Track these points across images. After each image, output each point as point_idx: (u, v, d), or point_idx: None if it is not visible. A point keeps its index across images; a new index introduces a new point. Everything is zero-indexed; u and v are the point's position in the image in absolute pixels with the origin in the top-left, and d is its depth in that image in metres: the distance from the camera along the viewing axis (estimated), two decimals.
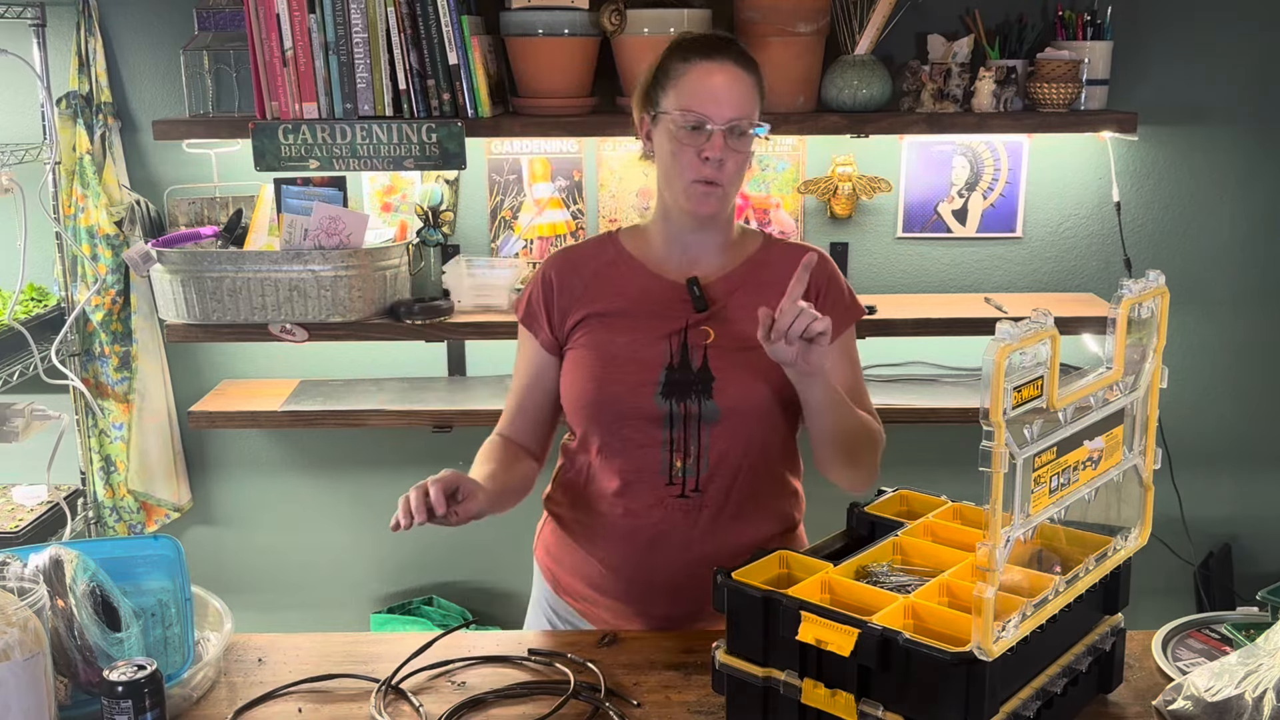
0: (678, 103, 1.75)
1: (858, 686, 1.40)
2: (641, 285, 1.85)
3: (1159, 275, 1.51)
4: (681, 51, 1.78)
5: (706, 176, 1.75)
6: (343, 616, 3.21)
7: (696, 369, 1.79)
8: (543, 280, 1.89)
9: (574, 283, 1.87)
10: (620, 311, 1.84)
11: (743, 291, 1.83)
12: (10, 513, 2.83)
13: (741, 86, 1.76)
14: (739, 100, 1.75)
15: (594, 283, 1.86)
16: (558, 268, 1.89)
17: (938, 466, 2.68)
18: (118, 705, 1.44)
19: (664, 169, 1.81)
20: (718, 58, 1.76)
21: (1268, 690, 1.45)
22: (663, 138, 1.78)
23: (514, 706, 1.62)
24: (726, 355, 1.80)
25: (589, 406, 1.83)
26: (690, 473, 1.81)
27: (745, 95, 1.76)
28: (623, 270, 1.87)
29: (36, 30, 2.82)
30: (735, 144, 1.75)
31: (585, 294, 1.86)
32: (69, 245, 2.87)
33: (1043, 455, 1.36)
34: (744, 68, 1.77)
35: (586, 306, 1.85)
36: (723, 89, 1.74)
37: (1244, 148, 2.95)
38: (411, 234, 2.88)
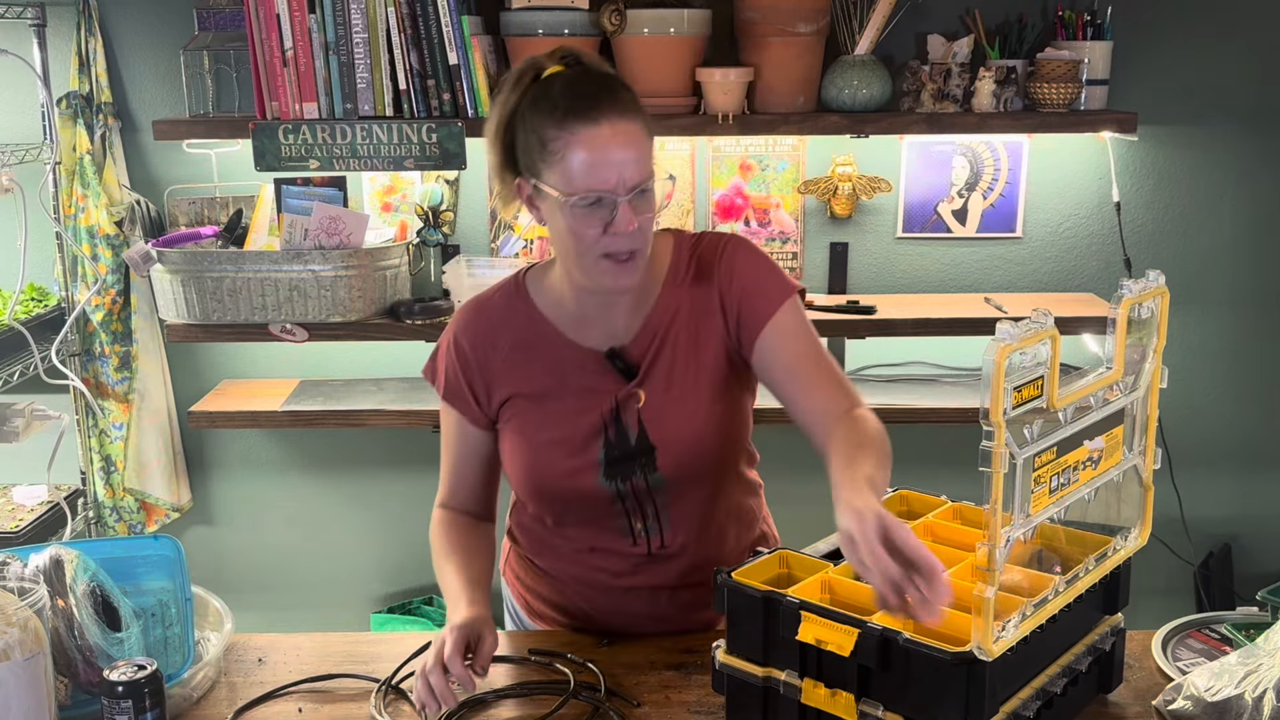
0: (567, 182, 1.54)
1: (858, 686, 1.40)
2: (562, 358, 1.70)
3: (1159, 275, 1.51)
4: (555, 115, 1.54)
5: (620, 251, 1.57)
6: (343, 616, 3.21)
7: (634, 441, 1.68)
8: (457, 353, 1.74)
9: (491, 359, 1.72)
10: (546, 391, 1.70)
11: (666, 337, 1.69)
12: (10, 513, 2.83)
13: (635, 139, 1.55)
14: (637, 158, 1.54)
15: (512, 357, 1.71)
16: (470, 339, 1.73)
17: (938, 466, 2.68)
18: (118, 705, 1.44)
19: (563, 246, 1.61)
20: (601, 116, 1.53)
21: (1268, 690, 1.45)
22: (555, 214, 1.58)
23: (514, 707, 1.62)
24: (660, 415, 1.68)
25: (533, 492, 1.76)
26: (653, 532, 1.74)
27: (642, 148, 1.56)
28: (539, 340, 1.71)
29: (36, 30, 2.82)
30: (642, 205, 1.56)
31: (505, 371, 1.71)
32: (69, 245, 2.87)
33: (1043, 455, 1.36)
34: (630, 114, 1.56)
35: (510, 386, 1.72)
36: (618, 154, 1.53)
37: (1244, 148, 2.95)
38: (411, 234, 2.88)
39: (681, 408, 1.68)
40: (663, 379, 1.68)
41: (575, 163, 1.53)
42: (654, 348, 1.69)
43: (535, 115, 1.56)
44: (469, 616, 1.62)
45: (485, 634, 1.61)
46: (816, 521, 2.00)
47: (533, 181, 1.60)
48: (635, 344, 1.70)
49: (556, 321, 1.71)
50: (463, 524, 1.81)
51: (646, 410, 1.68)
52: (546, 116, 1.55)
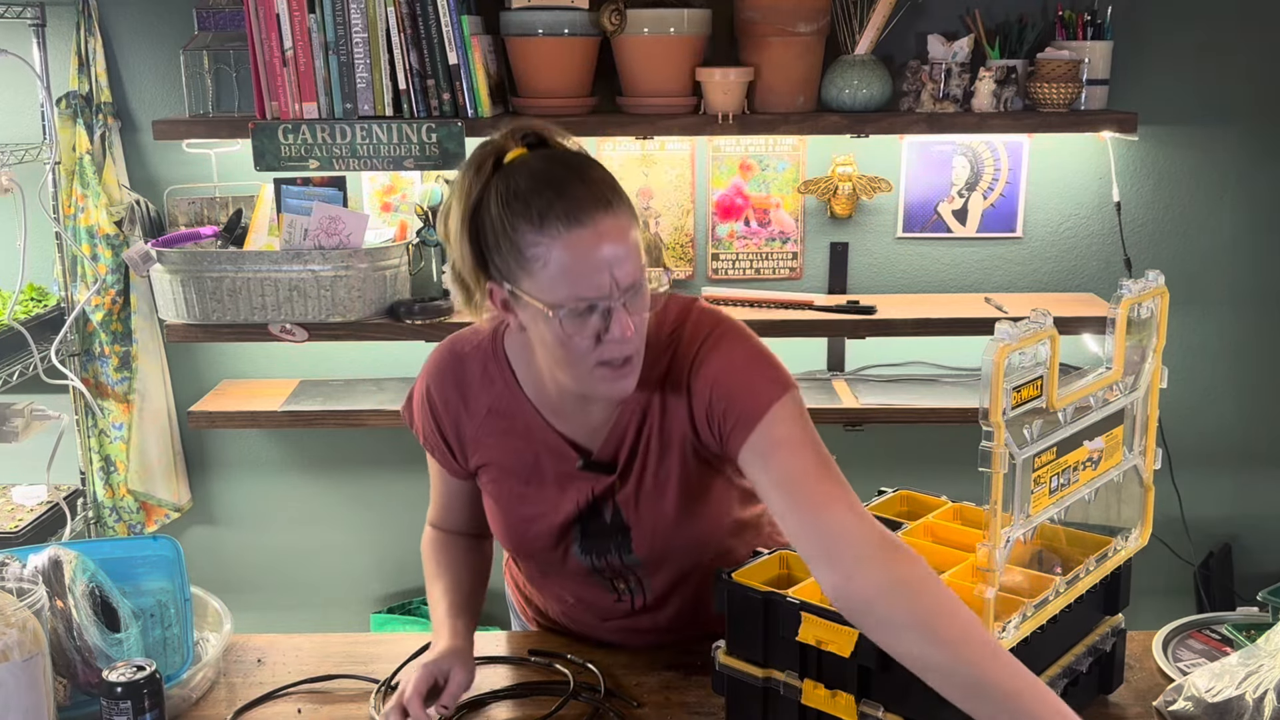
0: (552, 291, 1.37)
1: (858, 687, 1.40)
2: (539, 441, 1.59)
3: (1159, 275, 1.51)
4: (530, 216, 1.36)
5: (616, 359, 1.42)
6: (343, 616, 3.21)
7: (609, 522, 1.61)
8: (430, 407, 1.64)
9: (465, 423, 1.62)
10: (522, 469, 1.61)
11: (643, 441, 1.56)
12: (10, 513, 2.83)
13: (624, 233, 1.38)
14: (628, 254, 1.38)
15: (488, 425, 1.60)
16: (443, 396, 1.62)
17: (938, 466, 2.68)
18: (117, 706, 1.44)
19: (549, 354, 1.46)
20: (585, 214, 1.36)
21: (1268, 691, 1.45)
22: (538, 323, 1.42)
23: (514, 707, 1.62)
24: (634, 502, 1.59)
25: (513, 552, 1.74)
26: (636, 593, 1.68)
27: (632, 242, 1.39)
28: (517, 414, 1.59)
29: (36, 30, 2.82)
30: (637, 303, 1.41)
31: (479, 438, 1.62)
32: (69, 245, 2.87)
33: (1042, 455, 1.36)
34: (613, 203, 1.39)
35: (484, 454, 1.63)
36: (608, 255, 1.36)
37: (1244, 148, 2.95)
38: (411, 234, 2.88)
39: (656, 498, 1.58)
40: (638, 470, 1.58)
41: (560, 270, 1.36)
42: (629, 441, 1.57)
43: (507, 215, 1.38)
44: (442, 651, 1.59)
45: (456, 671, 1.56)
46: None
47: (508, 287, 1.42)
48: (611, 436, 1.57)
49: (535, 399, 1.58)
50: (454, 543, 1.78)
51: (621, 496, 1.59)
52: (520, 218, 1.37)
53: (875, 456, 3.04)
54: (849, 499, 1.40)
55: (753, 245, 2.98)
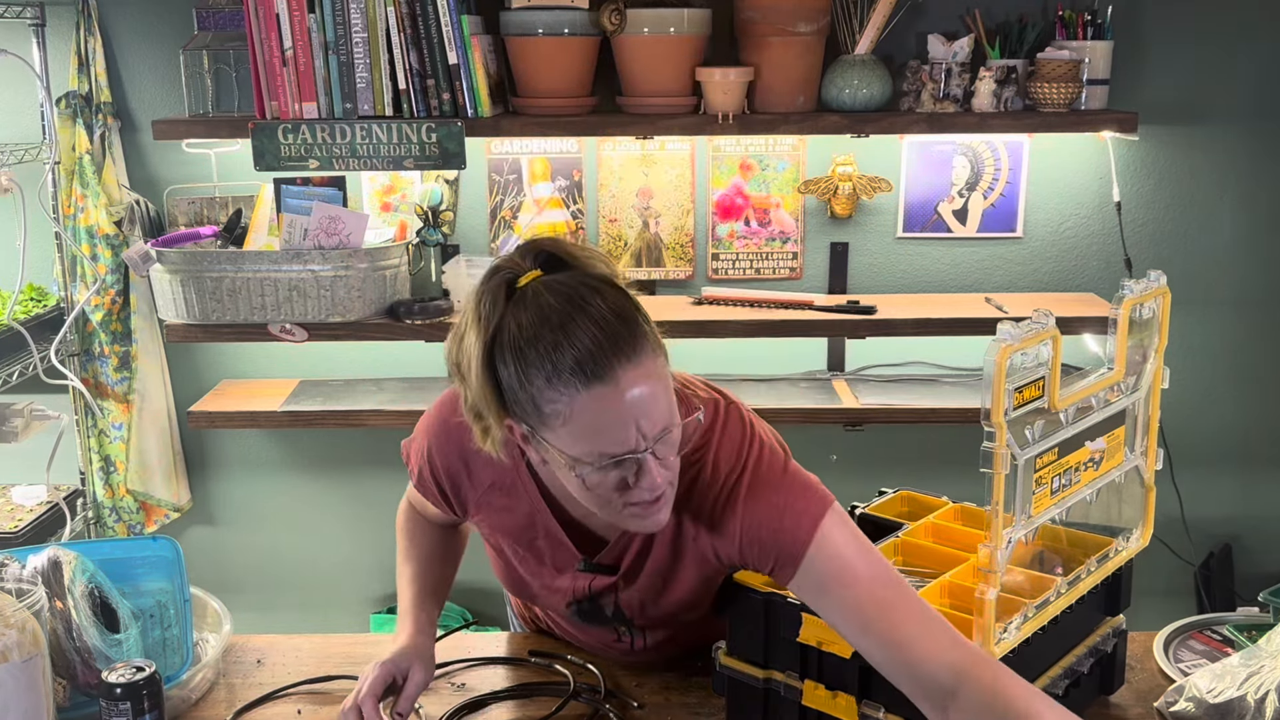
0: (575, 447, 1.28)
1: (859, 688, 1.40)
2: (542, 527, 1.53)
3: (1160, 275, 1.51)
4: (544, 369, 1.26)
5: (646, 500, 1.33)
6: (342, 617, 3.21)
7: (610, 612, 1.56)
8: (430, 467, 1.59)
9: (466, 490, 1.56)
10: (521, 545, 1.56)
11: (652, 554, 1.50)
12: (9, 513, 2.83)
13: (652, 377, 1.28)
14: (656, 404, 1.28)
15: (489, 497, 1.55)
16: (445, 461, 1.56)
17: (939, 467, 2.68)
18: (116, 707, 1.44)
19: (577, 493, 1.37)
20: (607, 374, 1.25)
21: (1269, 692, 1.45)
22: (563, 469, 1.33)
23: (514, 708, 1.62)
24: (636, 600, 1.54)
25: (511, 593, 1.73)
26: (637, 637, 1.64)
27: (661, 385, 1.30)
28: (520, 496, 1.52)
29: (36, 30, 2.81)
30: (665, 447, 1.32)
31: (481, 505, 1.56)
32: (68, 245, 2.86)
33: (1044, 456, 1.36)
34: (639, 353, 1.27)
35: (484, 519, 1.58)
36: (637, 406, 1.26)
37: (1244, 148, 2.95)
38: (411, 234, 2.88)
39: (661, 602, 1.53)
40: (645, 575, 1.51)
41: (581, 429, 1.27)
42: (637, 552, 1.50)
43: (521, 365, 1.27)
44: (402, 647, 1.56)
45: (415, 669, 1.53)
46: None
47: (526, 427, 1.32)
48: (619, 541, 1.51)
49: (545, 480, 1.50)
50: (430, 526, 1.78)
51: (624, 595, 1.54)
52: (534, 369, 1.26)
53: (875, 456, 3.04)
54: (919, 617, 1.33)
55: (753, 245, 2.98)
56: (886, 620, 1.32)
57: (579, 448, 1.28)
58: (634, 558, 1.50)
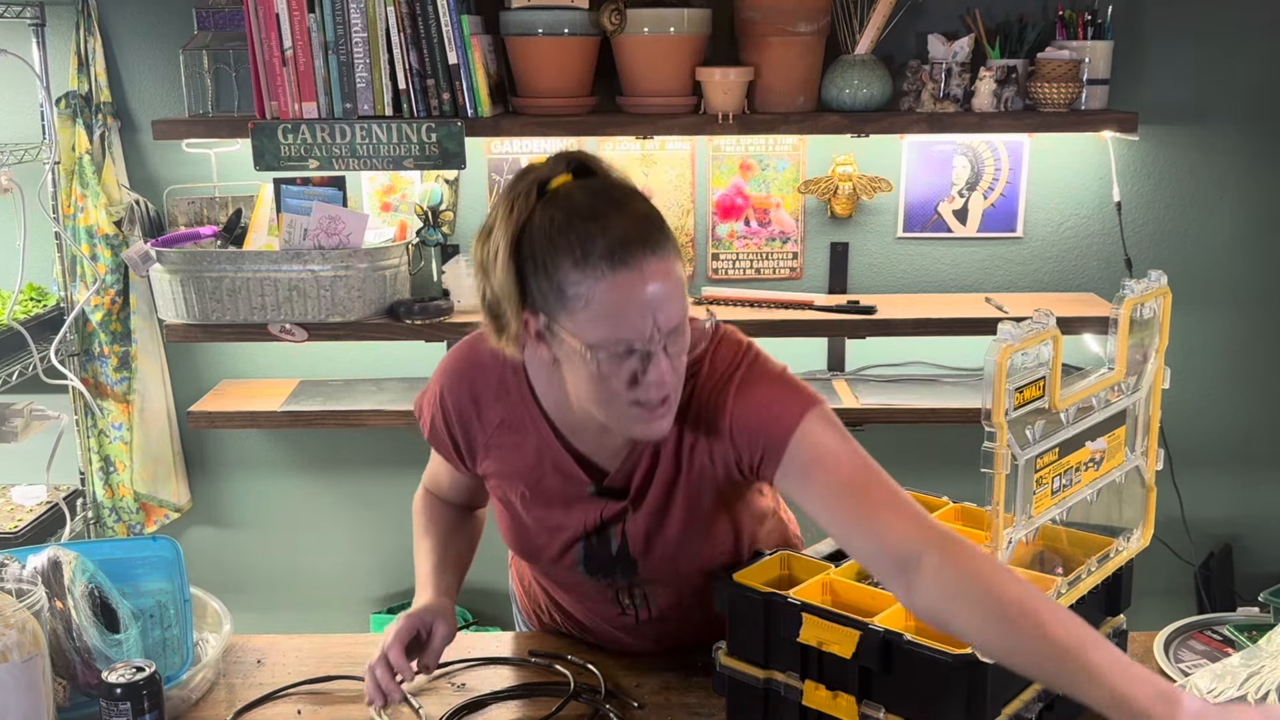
0: (592, 332, 1.34)
1: (859, 688, 1.40)
2: (550, 461, 1.56)
3: (1161, 275, 1.51)
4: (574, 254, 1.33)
5: (652, 400, 1.39)
6: (343, 617, 3.21)
7: (615, 552, 1.59)
8: (443, 411, 1.62)
9: (476, 432, 1.60)
10: (530, 484, 1.58)
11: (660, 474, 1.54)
12: (9, 513, 2.83)
13: (670, 274, 1.35)
14: (674, 300, 1.36)
15: (499, 438, 1.58)
16: (456, 401, 1.60)
17: (939, 467, 2.67)
18: (116, 707, 1.44)
19: (584, 391, 1.42)
20: (631, 261, 1.32)
21: (1270, 692, 1.45)
22: (574, 359, 1.39)
23: (514, 708, 1.62)
24: (642, 535, 1.57)
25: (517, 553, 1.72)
26: (640, 606, 1.67)
27: (677, 283, 1.37)
28: (530, 431, 1.56)
29: (36, 30, 2.81)
30: (676, 345, 1.39)
31: (489, 449, 1.60)
32: (68, 245, 2.86)
33: (1045, 456, 1.36)
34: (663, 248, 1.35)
35: (492, 464, 1.61)
36: (653, 298, 1.33)
37: (1244, 148, 2.95)
38: (411, 234, 2.88)
39: (666, 527, 1.56)
40: (651, 498, 1.54)
41: (602, 312, 1.33)
42: (645, 467, 1.54)
43: (549, 250, 1.34)
44: (424, 604, 1.61)
45: (438, 624, 1.58)
46: None
47: (544, 320, 1.38)
48: (627, 461, 1.55)
49: (553, 414, 1.55)
50: (446, 508, 1.80)
51: (631, 524, 1.56)
52: (563, 254, 1.33)
53: (875, 456, 3.01)
54: (892, 499, 1.40)
55: (753, 245, 2.98)
56: (864, 500, 1.40)
57: (597, 333, 1.34)
58: (642, 476, 1.54)
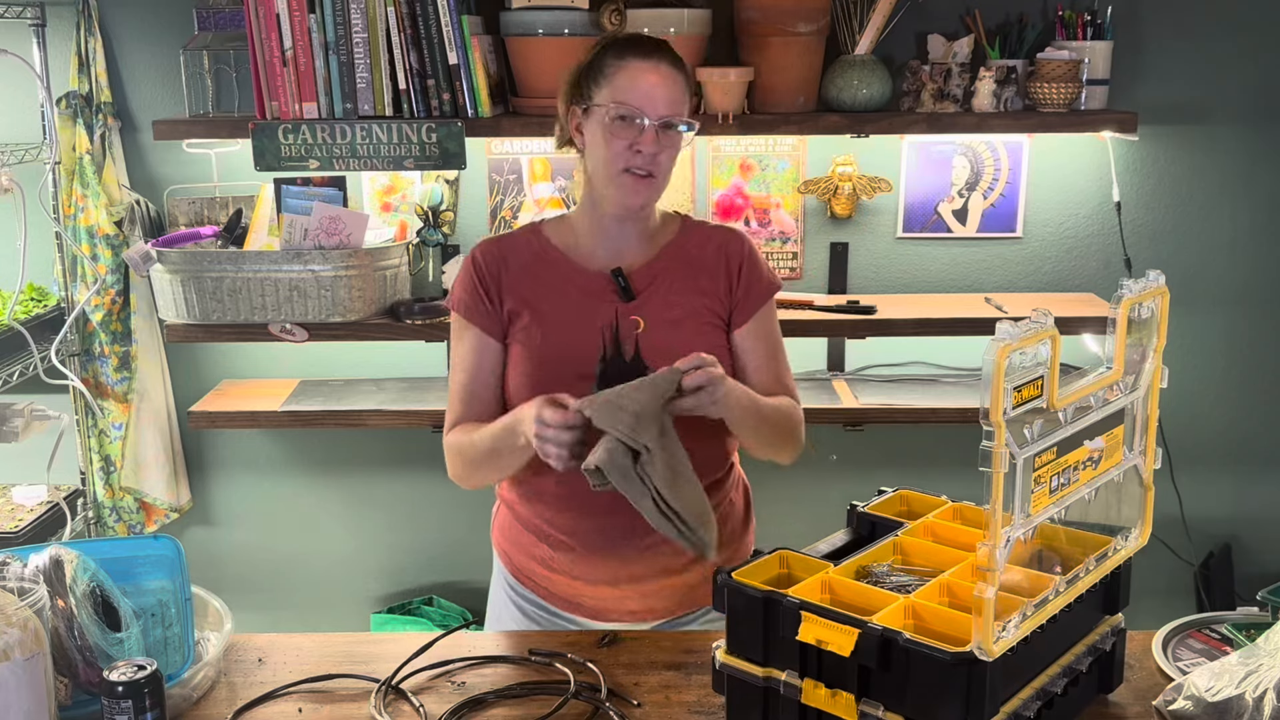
0: (612, 96, 1.81)
1: (858, 687, 1.40)
2: (567, 278, 1.90)
3: (1159, 275, 1.51)
4: (616, 49, 1.84)
5: (638, 166, 1.81)
6: (343, 616, 3.21)
7: (629, 359, 1.84)
8: (474, 269, 1.93)
9: (502, 274, 1.91)
10: (550, 308, 1.88)
11: (666, 277, 1.89)
12: (10, 513, 2.83)
13: (674, 86, 1.83)
14: (671, 98, 1.82)
15: (522, 277, 1.90)
16: (484, 254, 1.93)
17: (938, 466, 2.68)
18: (118, 705, 1.44)
19: (596, 159, 1.85)
20: (653, 58, 1.83)
21: (1268, 690, 1.45)
22: (595, 129, 1.84)
23: (514, 707, 1.62)
24: (657, 344, 1.84)
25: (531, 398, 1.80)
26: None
27: (677, 94, 1.83)
28: (548, 264, 1.91)
29: (36, 30, 2.82)
30: (666, 139, 1.82)
31: (515, 287, 1.90)
32: (69, 245, 2.87)
33: (1043, 455, 1.36)
34: (676, 69, 1.84)
35: (516, 300, 1.89)
36: (657, 87, 1.81)
37: (1244, 148, 2.95)
38: (411, 234, 2.88)
39: (677, 335, 1.85)
40: (660, 307, 1.87)
41: (620, 81, 1.80)
42: (654, 281, 1.88)
43: (602, 54, 1.85)
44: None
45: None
46: (816, 522, 2.00)
47: (584, 105, 1.85)
48: (637, 274, 1.89)
49: (567, 251, 1.92)
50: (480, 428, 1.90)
51: (645, 335, 1.85)
52: (609, 51, 1.84)
53: (875, 456, 3.04)
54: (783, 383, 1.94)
55: None
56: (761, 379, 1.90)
57: (614, 96, 1.81)
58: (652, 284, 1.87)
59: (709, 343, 1.85)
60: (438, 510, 3.17)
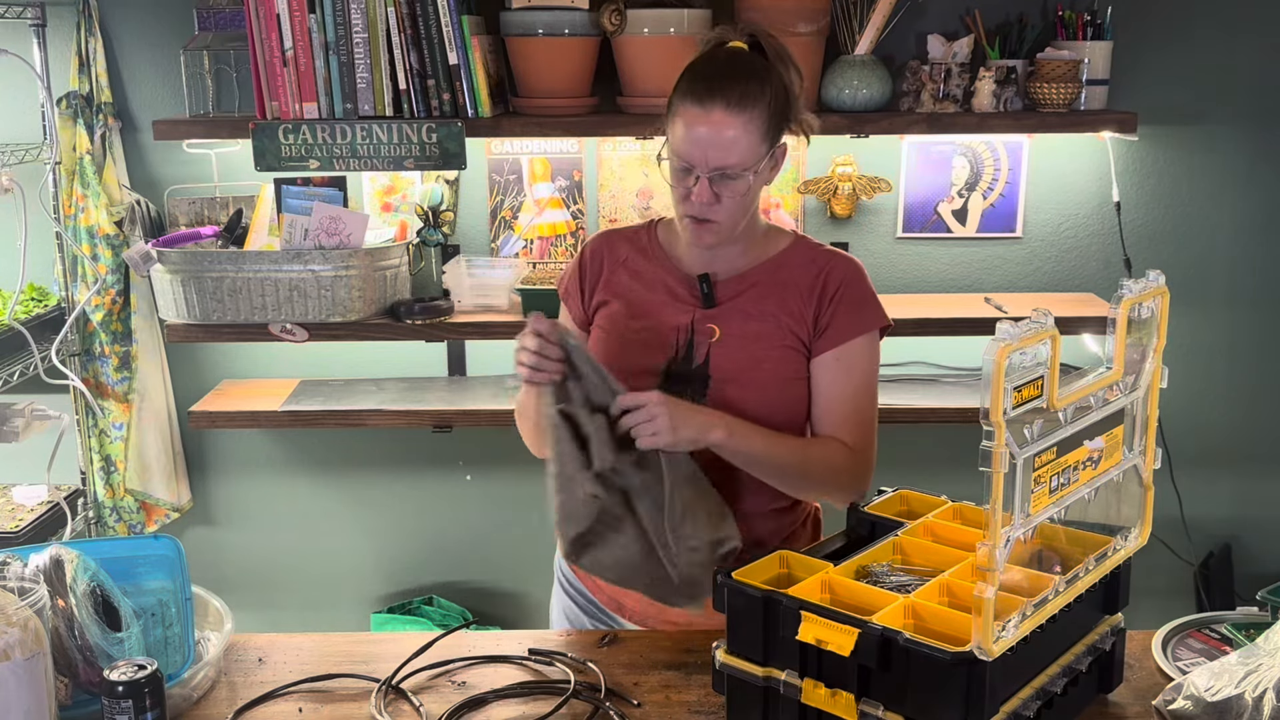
0: (672, 143, 1.76)
1: (858, 686, 1.40)
2: (661, 275, 1.87)
3: (1159, 275, 1.51)
4: (683, 85, 1.75)
5: (696, 215, 1.76)
6: (343, 616, 3.21)
7: (697, 365, 1.81)
8: (580, 259, 1.94)
9: (604, 266, 1.91)
10: (637, 300, 1.87)
11: (755, 291, 1.83)
12: (10, 513, 2.83)
13: (730, 133, 1.71)
14: (725, 148, 1.71)
15: (621, 269, 1.90)
16: (594, 248, 1.94)
17: (938, 466, 2.68)
18: (118, 705, 1.44)
19: (672, 198, 1.82)
20: (708, 103, 1.71)
21: (1267, 690, 1.45)
22: (666, 167, 1.79)
23: (514, 706, 1.62)
24: (729, 357, 1.80)
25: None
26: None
27: (733, 142, 1.71)
28: (649, 259, 1.90)
29: (36, 30, 2.82)
30: (723, 187, 1.74)
31: (611, 278, 1.90)
32: (69, 245, 2.87)
33: (1043, 455, 1.36)
34: (737, 110, 1.71)
35: (609, 290, 1.89)
36: (707, 139, 1.71)
37: (1244, 148, 2.95)
38: (411, 234, 2.88)
39: (750, 351, 1.80)
40: (740, 320, 1.81)
41: (678, 129, 1.74)
42: (742, 293, 1.83)
43: (677, 86, 1.76)
44: None
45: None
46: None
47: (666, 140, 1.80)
48: (725, 284, 1.84)
49: (670, 250, 1.90)
50: None
51: (718, 345, 1.81)
52: (678, 86, 1.76)
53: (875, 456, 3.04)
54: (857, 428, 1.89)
55: None
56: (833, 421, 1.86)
57: (673, 144, 1.75)
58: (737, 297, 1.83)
59: (782, 365, 1.81)
60: (438, 510, 3.17)
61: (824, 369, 1.84)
